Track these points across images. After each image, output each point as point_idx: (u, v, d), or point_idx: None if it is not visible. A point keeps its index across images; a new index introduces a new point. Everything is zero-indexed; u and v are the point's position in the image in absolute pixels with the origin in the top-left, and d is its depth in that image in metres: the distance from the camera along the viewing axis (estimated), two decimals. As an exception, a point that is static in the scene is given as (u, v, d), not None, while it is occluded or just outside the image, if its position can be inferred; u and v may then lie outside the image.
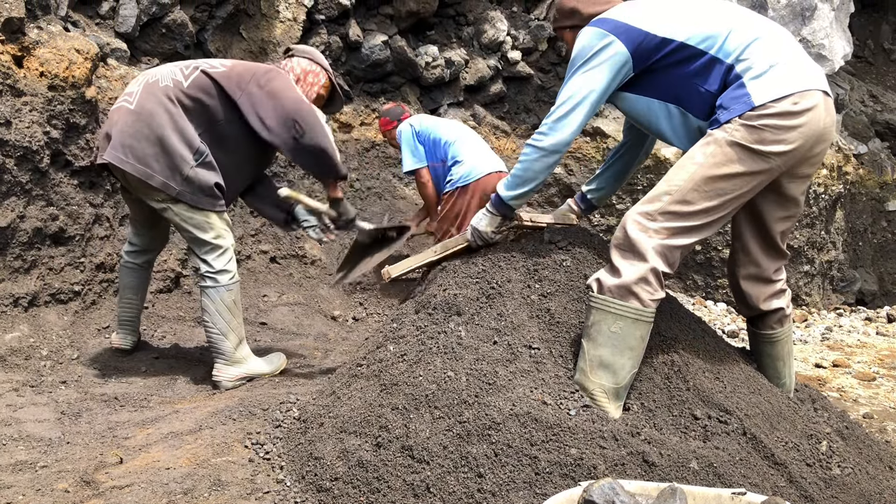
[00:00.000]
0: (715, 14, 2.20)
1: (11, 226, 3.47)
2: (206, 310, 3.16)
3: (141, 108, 3.01)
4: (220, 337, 3.16)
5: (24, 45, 3.66)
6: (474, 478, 1.86)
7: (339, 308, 4.98)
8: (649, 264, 2.05)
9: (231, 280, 3.18)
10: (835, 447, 2.20)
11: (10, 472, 2.22)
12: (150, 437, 2.52)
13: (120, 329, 3.54)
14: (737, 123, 2.06)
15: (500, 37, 6.61)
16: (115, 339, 3.54)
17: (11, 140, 3.45)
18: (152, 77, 3.11)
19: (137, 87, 3.10)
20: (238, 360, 3.21)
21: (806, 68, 2.12)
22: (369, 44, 5.92)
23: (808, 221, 6.49)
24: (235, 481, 2.14)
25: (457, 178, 4.83)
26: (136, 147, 2.97)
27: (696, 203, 2.08)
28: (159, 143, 2.98)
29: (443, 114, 6.57)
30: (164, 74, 3.11)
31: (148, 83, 3.09)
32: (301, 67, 3.38)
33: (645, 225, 2.09)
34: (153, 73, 3.14)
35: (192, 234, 3.12)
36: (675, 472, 1.87)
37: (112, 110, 3.13)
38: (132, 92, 3.10)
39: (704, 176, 2.07)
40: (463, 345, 2.19)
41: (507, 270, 2.40)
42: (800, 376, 3.96)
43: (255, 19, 5.31)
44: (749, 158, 2.06)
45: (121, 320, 3.53)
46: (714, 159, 2.07)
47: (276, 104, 3.03)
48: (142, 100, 3.04)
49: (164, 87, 3.05)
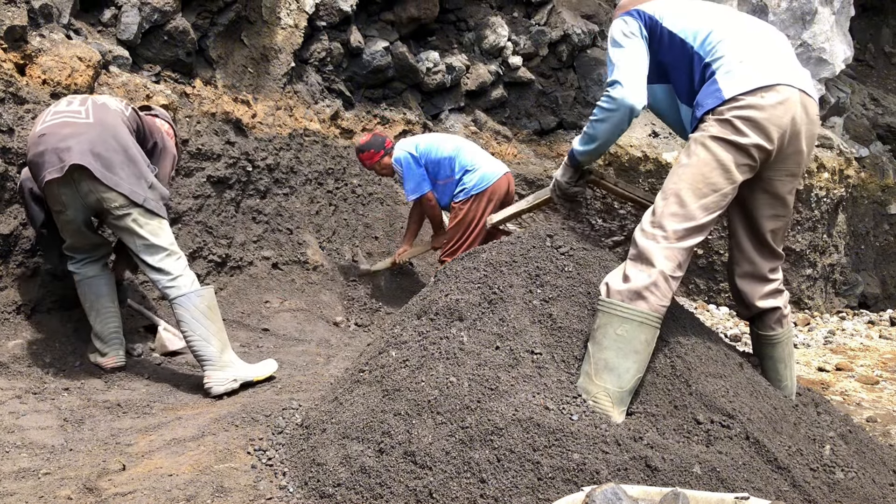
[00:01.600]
0: (704, 13, 2.33)
1: (14, 233, 3.48)
2: (181, 320, 3.16)
3: (102, 122, 3.13)
4: (203, 343, 3.15)
5: (27, 52, 3.68)
6: (477, 483, 1.86)
7: (342, 314, 4.98)
8: (657, 268, 2.11)
9: (194, 285, 3.19)
10: (838, 451, 2.19)
11: (14, 480, 2.23)
12: (153, 444, 2.52)
13: (108, 346, 3.39)
14: (710, 120, 2.18)
15: (500, 42, 6.62)
16: (108, 360, 3.38)
17: (14, 147, 3.46)
18: (91, 101, 3.24)
19: (81, 107, 3.17)
20: (225, 364, 3.19)
21: (783, 66, 2.21)
22: (370, 50, 5.94)
23: (810, 225, 6.48)
24: (238, 488, 2.14)
25: (470, 185, 4.84)
26: (104, 156, 3.05)
27: (691, 203, 2.15)
28: (124, 152, 3.12)
29: (444, 119, 6.58)
30: (102, 101, 3.28)
31: (95, 104, 3.22)
32: (166, 128, 3.68)
33: (651, 232, 2.16)
34: (84, 99, 3.26)
35: (148, 241, 3.15)
36: (678, 477, 1.87)
37: (51, 126, 3.08)
38: (74, 111, 3.15)
39: (693, 175, 2.17)
40: (465, 350, 2.19)
41: (509, 276, 2.40)
42: (803, 380, 3.95)
43: (256, 26, 5.32)
44: (727, 151, 2.15)
45: (106, 336, 3.38)
46: (697, 157, 2.17)
47: (166, 163, 3.52)
48: (99, 115, 3.16)
49: (113, 109, 3.24)
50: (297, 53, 5.48)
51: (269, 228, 5.08)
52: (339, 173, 5.71)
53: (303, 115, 5.50)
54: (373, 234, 5.76)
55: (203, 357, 3.16)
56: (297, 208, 5.29)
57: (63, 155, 3.00)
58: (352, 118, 5.96)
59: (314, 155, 5.50)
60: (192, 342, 3.17)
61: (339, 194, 5.69)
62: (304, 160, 5.41)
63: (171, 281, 3.16)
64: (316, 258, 5.23)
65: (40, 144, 3.05)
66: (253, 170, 4.97)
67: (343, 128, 5.88)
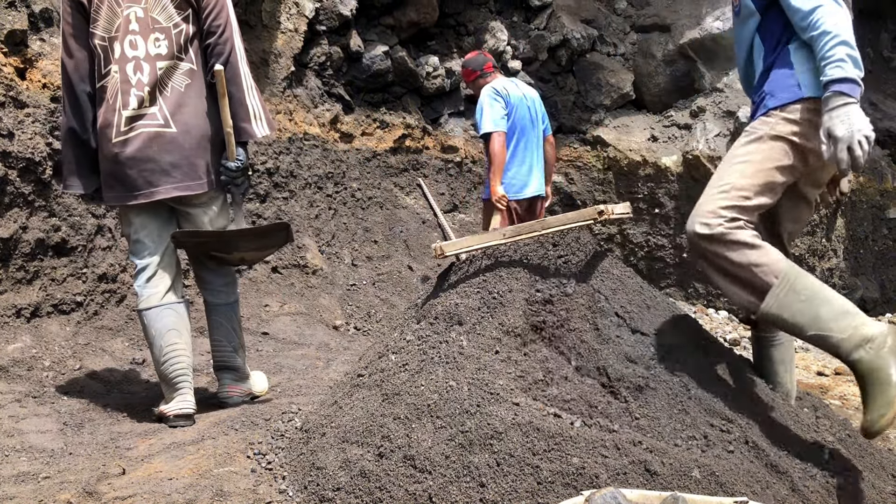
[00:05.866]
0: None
1: (14, 237, 3.49)
2: (221, 326, 3.06)
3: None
4: (233, 354, 3.08)
5: (27, 57, 3.69)
6: (476, 487, 1.86)
7: (341, 317, 4.98)
8: (743, 237, 2.05)
9: (237, 294, 3.15)
10: (837, 456, 2.20)
11: (13, 484, 2.23)
12: (153, 448, 2.52)
13: (179, 392, 2.83)
14: (778, 117, 2.10)
15: (500, 46, 6.64)
16: (179, 406, 2.82)
17: (14, 151, 3.47)
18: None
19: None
20: (246, 377, 3.15)
21: None
22: (370, 54, 5.95)
23: (808, 229, 6.49)
24: (237, 491, 2.14)
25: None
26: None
27: (753, 198, 2.11)
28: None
29: (443, 123, 6.59)
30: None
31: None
32: None
33: (715, 221, 2.08)
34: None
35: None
36: (678, 481, 1.87)
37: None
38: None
39: (756, 171, 2.10)
40: (465, 354, 2.20)
41: (509, 280, 2.40)
42: (802, 384, 3.95)
43: (256, 30, 5.33)
44: (791, 152, 2.09)
45: (179, 379, 2.83)
46: (761, 155, 2.10)
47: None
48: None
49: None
50: (297, 58, 5.49)
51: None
52: (339, 177, 5.72)
53: (302, 119, 5.51)
54: (372, 238, 5.76)
55: (230, 366, 3.08)
56: (297, 212, 5.29)
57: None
58: (351, 122, 5.97)
59: (314, 159, 5.51)
60: (222, 350, 3.07)
61: (339, 198, 5.69)
62: (304, 164, 5.42)
63: (231, 285, 3.09)
64: (315, 262, 5.23)
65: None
66: (252, 174, 4.98)
67: (342, 132, 5.89)
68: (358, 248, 5.62)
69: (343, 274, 5.35)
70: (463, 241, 2.51)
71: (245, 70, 2.87)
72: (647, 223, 6.63)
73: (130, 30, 2.77)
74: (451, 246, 2.49)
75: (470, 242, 2.48)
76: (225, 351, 3.07)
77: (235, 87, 2.83)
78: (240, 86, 2.84)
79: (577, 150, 6.86)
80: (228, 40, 2.82)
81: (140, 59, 2.78)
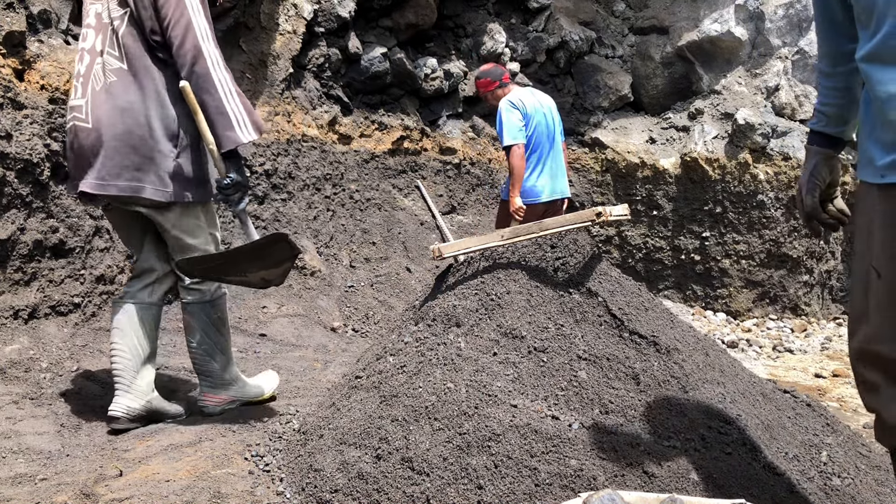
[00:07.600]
0: None
1: (12, 238, 3.48)
2: (190, 327, 2.93)
3: None
4: (207, 358, 2.94)
5: (25, 58, 3.68)
6: (474, 489, 1.86)
7: (339, 319, 4.98)
8: None
9: (217, 293, 2.97)
10: (835, 457, 2.20)
11: (10, 485, 2.22)
12: (150, 450, 2.52)
13: (115, 392, 2.87)
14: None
15: (498, 48, 6.64)
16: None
17: (12, 153, 3.47)
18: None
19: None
20: (226, 383, 2.99)
21: None
22: (369, 56, 5.95)
23: (806, 231, 6.50)
24: (235, 493, 2.14)
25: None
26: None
27: None
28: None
29: (442, 125, 6.60)
30: None
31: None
32: None
33: None
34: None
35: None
36: (675, 483, 1.87)
37: None
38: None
39: None
40: (462, 356, 2.20)
41: (507, 282, 2.40)
42: (799, 386, 3.95)
43: (254, 32, 5.34)
44: None
45: (115, 380, 2.88)
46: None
47: None
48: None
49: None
50: (296, 59, 5.49)
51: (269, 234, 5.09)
52: (337, 179, 5.72)
53: (301, 120, 5.51)
54: (370, 240, 5.76)
55: (204, 372, 2.97)
56: (295, 214, 5.29)
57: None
58: (350, 124, 5.98)
59: (312, 160, 5.51)
60: (194, 355, 2.97)
61: (337, 200, 5.69)
62: (302, 166, 5.42)
63: (197, 283, 2.90)
64: (314, 263, 5.23)
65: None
66: (251, 175, 4.98)
67: (341, 133, 5.89)
68: (356, 250, 5.62)
69: (341, 275, 5.35)
70: (461, 243, 2.51)
71: (221, 76, 2.67)
72: (646, 225, 6.64)
73: (87, 23, 2.82)
74: (450, 247, 2.49)
75: (468, 244, 2.49)
76: (196, 354, 2.95)
77: (209, 95, 2.64)
78: (214, 94, 2.64)
79: (575, 151, 6.87)
80: (190, 50, 2.63)
81: (85, 50, 2.79)
